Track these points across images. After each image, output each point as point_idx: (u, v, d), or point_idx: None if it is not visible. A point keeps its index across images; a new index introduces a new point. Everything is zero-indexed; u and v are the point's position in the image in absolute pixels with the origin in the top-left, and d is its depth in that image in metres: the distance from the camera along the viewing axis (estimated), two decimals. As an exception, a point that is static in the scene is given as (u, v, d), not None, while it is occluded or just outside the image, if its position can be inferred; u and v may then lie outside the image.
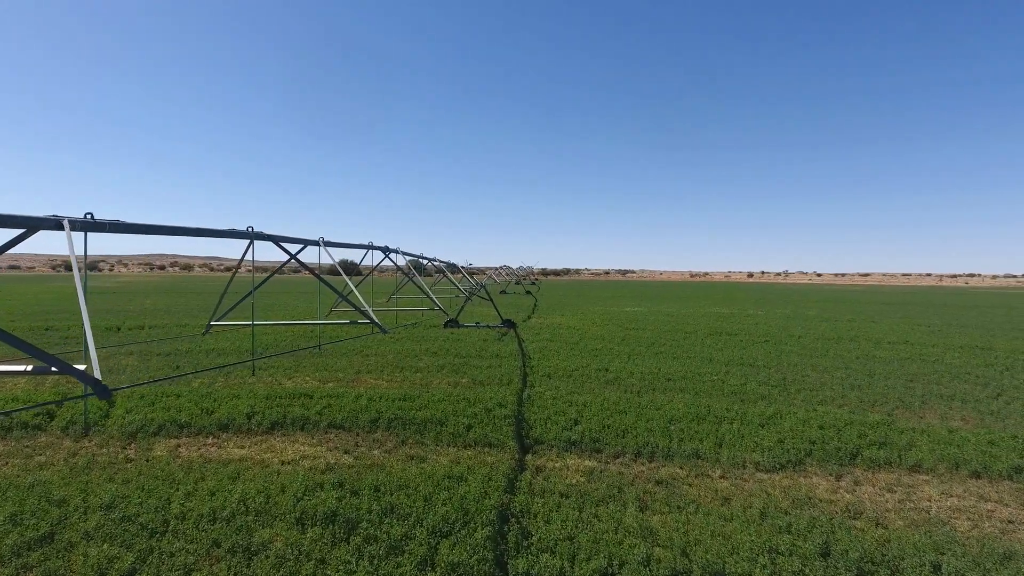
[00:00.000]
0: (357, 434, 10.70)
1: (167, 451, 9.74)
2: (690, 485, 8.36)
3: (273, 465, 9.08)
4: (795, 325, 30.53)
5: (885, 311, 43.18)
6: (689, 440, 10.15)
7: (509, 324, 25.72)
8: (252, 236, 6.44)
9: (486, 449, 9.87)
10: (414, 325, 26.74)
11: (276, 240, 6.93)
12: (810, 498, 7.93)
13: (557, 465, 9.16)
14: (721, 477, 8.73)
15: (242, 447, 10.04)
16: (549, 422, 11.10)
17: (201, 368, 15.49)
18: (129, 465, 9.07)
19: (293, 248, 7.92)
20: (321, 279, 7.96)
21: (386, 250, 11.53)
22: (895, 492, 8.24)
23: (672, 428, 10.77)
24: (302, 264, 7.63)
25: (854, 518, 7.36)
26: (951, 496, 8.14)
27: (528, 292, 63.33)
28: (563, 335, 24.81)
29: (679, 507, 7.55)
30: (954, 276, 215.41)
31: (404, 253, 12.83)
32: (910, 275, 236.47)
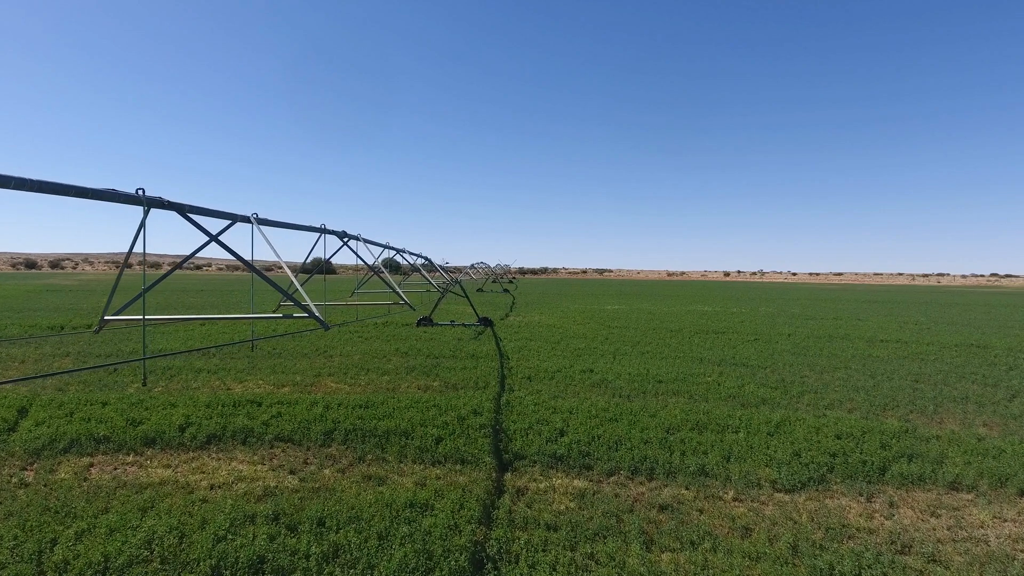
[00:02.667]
0: (308, 449, 9.17)
1: (74, 473, 8.09)
2: (700, 511, 7.02)
3: (199, 490, 7.51)
4: (782, 323, 29.59)
5: (868, 309, 42.68)
6: (692, 453, 8.84)
7: (486, 322, 24.34)
8: (146, 202, 4.87)
9: (458, 466, 8.41)
10: (383, 321, 25.13)
11: (184, 211, 5.35)
12: (844, 526, 6.63)
13: (542, 486, 7.75)
14: (735, 500, 7.40)
15: (168, 466, 8.44)
16: (531, 432, 9.71)
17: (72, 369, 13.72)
18: (21, 492, 7.42)
19: (214, 227, 6.36)
20: (252, 267, 6.44)
21: (343, 235, 9.93)
22: (940, 517, 7.00)
23: (671, 439, 9.45)
24: (224, 247, 6.07)
25: (903, 553, 6.08)
26: (1005, 521, 6.93)
27: (505, 290, 62.01)
28: (543, 334, 23.43)
29: (692, 542, 6.19)
30: (926, 275, 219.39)
31: (366, 241, 11.25)
32: (882, 274, 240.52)
